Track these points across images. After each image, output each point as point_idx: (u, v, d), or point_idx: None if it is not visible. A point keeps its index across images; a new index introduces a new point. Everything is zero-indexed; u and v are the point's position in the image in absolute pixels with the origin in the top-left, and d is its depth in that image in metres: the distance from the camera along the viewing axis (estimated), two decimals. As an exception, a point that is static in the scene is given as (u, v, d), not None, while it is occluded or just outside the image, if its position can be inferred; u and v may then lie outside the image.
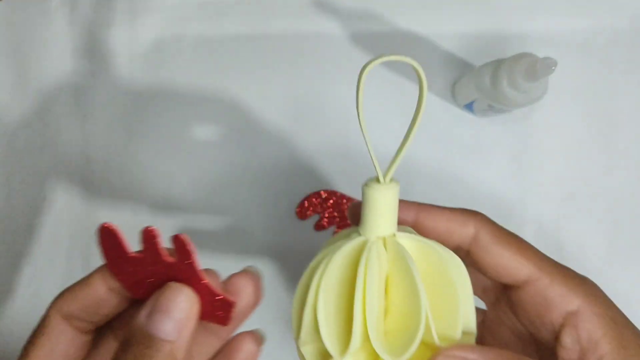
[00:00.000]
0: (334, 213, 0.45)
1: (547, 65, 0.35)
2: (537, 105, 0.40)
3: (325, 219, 0.45)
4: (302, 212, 0.45)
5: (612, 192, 0.46)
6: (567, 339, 0.25)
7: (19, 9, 0.46)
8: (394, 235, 0.24)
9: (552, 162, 0.46)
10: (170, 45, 0.46)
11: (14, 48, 0.46)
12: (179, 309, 0.23)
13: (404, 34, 0.46)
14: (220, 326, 0.24)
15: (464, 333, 0.25)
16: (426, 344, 0.24)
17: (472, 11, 0.47)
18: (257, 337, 0.27)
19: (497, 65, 0.39)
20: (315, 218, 0.46)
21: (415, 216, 0.27)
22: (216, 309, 0.24)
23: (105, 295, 0.24)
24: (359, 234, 0.24)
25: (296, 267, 0.45)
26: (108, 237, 0.23)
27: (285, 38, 0.46)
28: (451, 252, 0.25)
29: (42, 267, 0.45)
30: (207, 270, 0.24)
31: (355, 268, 0.23)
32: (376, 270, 0.23)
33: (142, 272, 0.23)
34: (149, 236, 0.23)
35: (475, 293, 0.27)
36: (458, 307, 0.23)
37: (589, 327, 0.25)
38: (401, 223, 0.27)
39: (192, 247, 0.22)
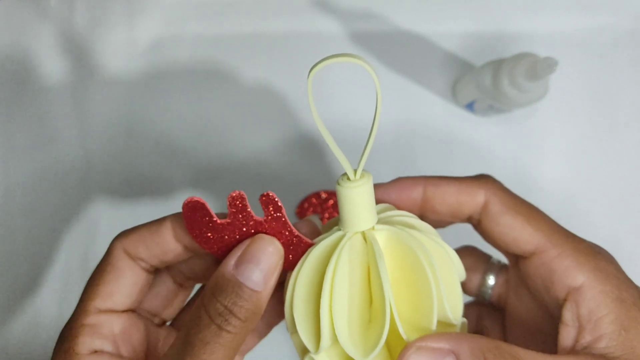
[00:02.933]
0: (334, 214, 0.45)
1: (548, 65, 0.34)
2: (538, 105, 0.40)
3: (326, 220, 0.45)
4: (302, 213, 0.45)
5: (613, 192, 0.46)
6: (568, 315, 0.24)
7: (18, 9, 0.46)
8: (373, 228, 0.24)
9: (553, 162, 0.46)
10: (169, 44, 0.46)
11: (12, 46, 0.45)
12: (267, 260, 0.23)
13: (404, 33, 0.46)
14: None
15: (447, 324, 0.24)
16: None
17: (473, 10, 0.47)
18: None
19: (498, 64, 0.39)
20: (315, 218, 0.46)
21: (423, 192, 0.27)
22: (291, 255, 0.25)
23: (172, 246, 0.25)
24: (339, 229, 0.24)
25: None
26: (195, 211, 0.23)
27: (284, 37, 0.46)
28: (436, 241, 0.25)
29: (40, 266, 0.45)
30: None
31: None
32: (346, 269, 0.23)
33: (229, 236, 0.24)
34: (238, 199, 0.23)
35: (499, 250, 0.27)
36: (432, 299, 0.22)
37: (591, 305, 0.23)
38: (409, 200, 0.27)
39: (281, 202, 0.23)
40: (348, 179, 0.24)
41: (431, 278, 0.22)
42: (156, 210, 0.45)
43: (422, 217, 0.27)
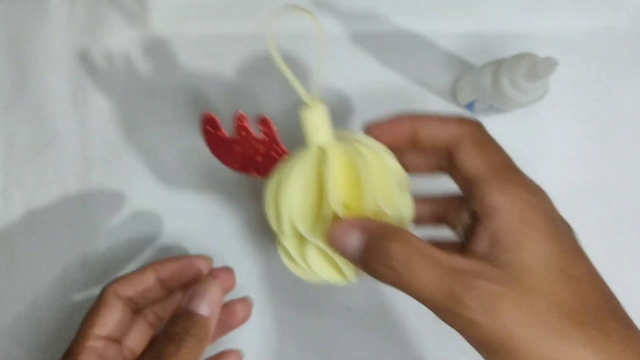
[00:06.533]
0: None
1: (548, 65, 0.35)
2: (537, 105, 0.40)
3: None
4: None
5: (612, 191, 0.46)
6: (481, 229, 0.27)
7: (19, 8, 0.46)
8: (329, 142, 0.31)
9: (553, 161, 0.46)
10: (170, 45, 0.46)
11: (12, 47, 0.45)
12: (211, 294, 0.32)
13: (405, 34, 0.46)
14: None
15: (382, 214, 0.30)
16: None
17: (473, 11, 0.47)
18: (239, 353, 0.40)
19: (498, 65, 0.39)
20: (315, 219, 0.46)
21: (410, 127, 0.32)
22: (274, 162, 0.33)
23: (153, 285, 0.36)
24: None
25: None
26: (207, 122, 0.34)
27: (285, 38, 0.46)
28: (378, 153, 0.31)
29: (41, 267, 0.45)
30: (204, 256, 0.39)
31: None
32: (300, 172, 0.30)
33: (240, 149, 0.34)
34: (239, 118, 0.33)
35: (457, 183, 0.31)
36: (365, 194, 0.29)
37: (502, 225, 0.27)
38: (399, 131, 0.32)
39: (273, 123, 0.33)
40: (307, 105, 0.31)
41: (365, 178, 0.29)
42: (156, 209, 0.45)
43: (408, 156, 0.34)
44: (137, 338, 0.37)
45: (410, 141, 0.32)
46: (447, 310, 0.26)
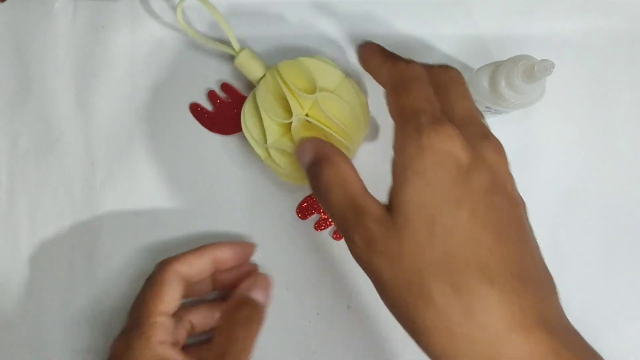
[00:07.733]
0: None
1: (544, 67, 0.35)
2: (534, 107, 0.40)
3: (327, 219, 0.46)
4: (302, 212, 0.46)
5: (609, 193, 0.47)
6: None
7: (21, 11, 0.46)
8: (267, 70, 0.41)
9: (550, 163, 0.47)
10: (171, 47, 0.46)
11: (16, 49, 0.46)
12: (268, 287, 0.40)
13: (402, 36, 0.47)
14: None
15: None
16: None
17: (470, 14, 0.47)
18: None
19: (495, 67, 0.39)
20: (315, 218, 0.46)
21: (365, 60, 0.37)
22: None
23: (207, 267, 0.40)
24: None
25: (297, 267, 0.46)
26: (194, 108, 0.45)
27: (285, 41, 0.46)
28: (317, 61, 0.40)
29: (45, 266, 0.45)
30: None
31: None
32: (250, 105, 0.41)
33: (223, 116, 0.44)
34: (209, 94, 0.45)
35: None
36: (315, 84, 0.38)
37: (395, 166, 0.30)
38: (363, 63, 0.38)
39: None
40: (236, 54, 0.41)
41: (319, 79, 0.38)
42: (158, 209, 0.46)
43: None
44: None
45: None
46: (344, 237, 0.30)
